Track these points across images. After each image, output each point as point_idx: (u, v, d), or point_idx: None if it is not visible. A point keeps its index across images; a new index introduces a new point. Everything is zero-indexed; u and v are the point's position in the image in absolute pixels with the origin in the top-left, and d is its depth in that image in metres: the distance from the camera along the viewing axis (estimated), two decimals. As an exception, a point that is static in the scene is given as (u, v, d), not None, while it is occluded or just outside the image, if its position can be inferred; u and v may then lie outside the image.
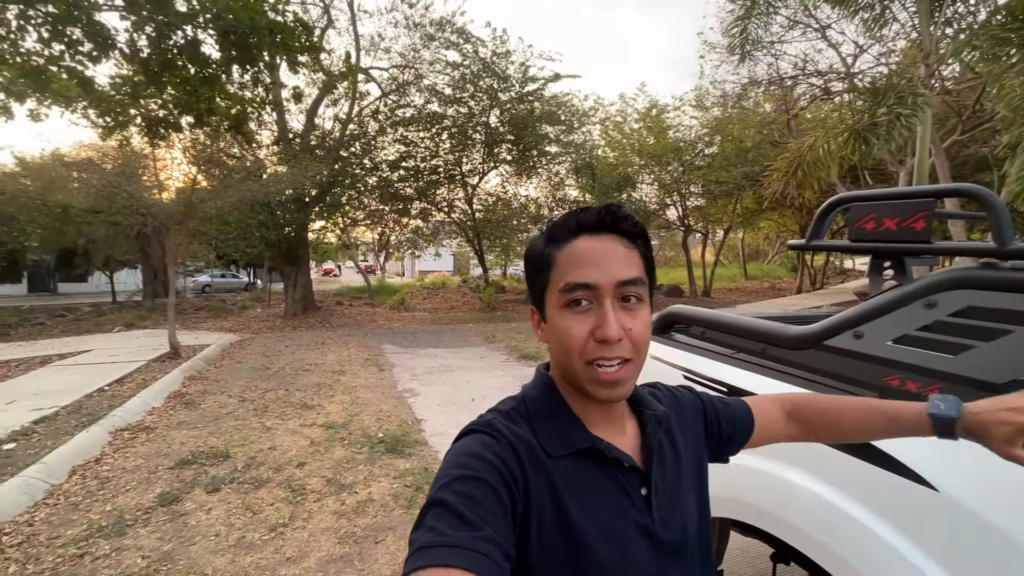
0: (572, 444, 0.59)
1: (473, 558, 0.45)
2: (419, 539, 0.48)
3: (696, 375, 1.56)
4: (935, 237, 1.15)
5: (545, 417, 0.61)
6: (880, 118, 5.22)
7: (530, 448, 0.57)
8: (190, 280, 22.23)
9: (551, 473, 0.57)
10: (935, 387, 1.00)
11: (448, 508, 0.49)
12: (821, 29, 8.79)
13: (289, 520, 2.91)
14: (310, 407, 5.16)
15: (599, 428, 0.62)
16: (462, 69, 13.04)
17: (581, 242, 0.59)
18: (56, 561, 2.52)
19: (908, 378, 1.04)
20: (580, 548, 0.55)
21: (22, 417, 4.50)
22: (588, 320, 0.57)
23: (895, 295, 1.12)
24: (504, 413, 0.62)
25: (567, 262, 0.58)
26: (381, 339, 9.90)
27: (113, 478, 3.48)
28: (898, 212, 1.13)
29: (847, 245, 1.27)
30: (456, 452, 0.56)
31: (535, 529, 0.54)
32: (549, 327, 0.61)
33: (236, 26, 3.03)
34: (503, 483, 0.53)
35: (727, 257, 31.30)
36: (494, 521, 0.50)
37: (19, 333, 10.91)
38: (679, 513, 0.64)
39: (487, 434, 0.57)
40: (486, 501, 0.51)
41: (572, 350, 0.57)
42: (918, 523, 0.96)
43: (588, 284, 0.56)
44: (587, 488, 0.58)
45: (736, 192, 14.53)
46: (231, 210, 8.38)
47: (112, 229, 13.42)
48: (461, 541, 0.46)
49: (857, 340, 1.16)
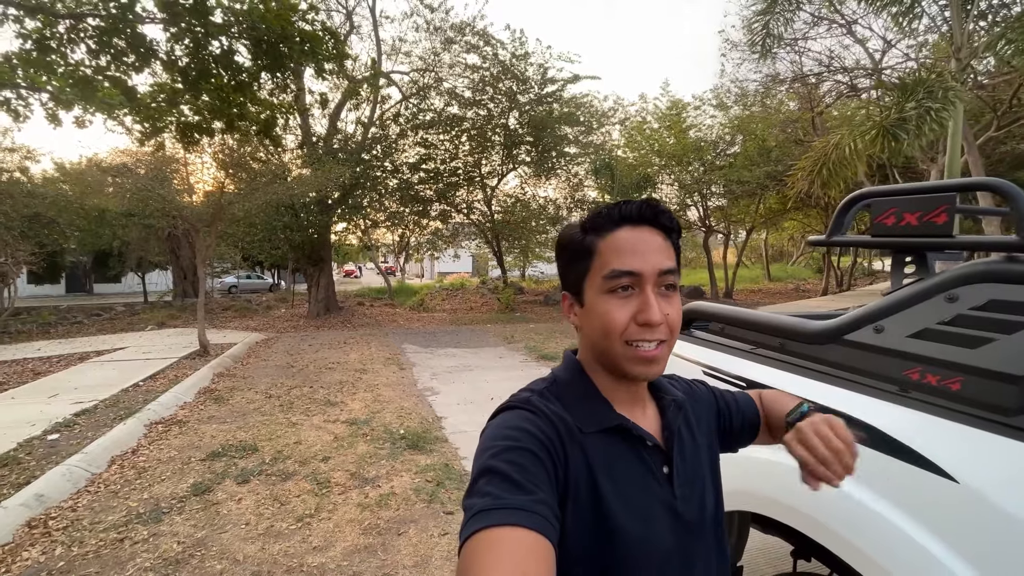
0: (601, 422, 0.63)
1: (532, 518, 0.48)
2: (476, 504, 0.50)
3: (716, 370, 1.58)
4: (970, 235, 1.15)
5: (575, 397, 0.65)
6: (909, 113, 5.07)
7: (566, 424, 0.61)
8: (217, 281, 22.88)
9: (584, 448, 0.60)
10: (957, 380, 1.00)
11: (501, 475, 0.52)
12: (847, 24, 8.59)
13: (315, 511, 3.00)
14: (333, 404, 5.29)
15: (624, 409, 0.66)
16: (481, 72, 13.15)
17: (624, 232, 0.62)
18: (98, 544, 2.66)
19: (928, 371, 1.05)
20: (608, 519, 0.58)
21: (64, 410, 4.73)
22: (630, 305, 0.60)
23: (916, 289, 1.12)
24: (538, 392, 0.65)
25: (610, 250, 0.61)
26: (401, 339, 10.04)
27: (149, 468, 3.64)
28: (919, 207, 1.13)
29: (868, 240, 1.27)
30: (498, 426, 0.59)
31: (571, 499, 0.57)
32: (588, 311, 0.64)
33: (269, 35, 3.18)
34: (547, 453, 0.56)
35: (750, 258, 30.74)
36: (543, 486, 0.53)
37: (58, 331, 11.41)
38: (697, 492, 0.68)
39: (527, 410, 0.61)
40: (534, 468, 0.54)
41: (614, 332, 0.60)
42: (939, 515, 0.96)
43: (633, 272, 0.60)
44: (616, 464, 0.61)
45: (759, 192, 14.28)
46: (257, 212, 8.63)
47: (145, 232, 13.94)
48: (519, 503, 0.49)
49: (877, 335, 1.16)
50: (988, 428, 0.92)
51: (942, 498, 0.96)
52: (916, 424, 1.03)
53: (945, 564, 0.93)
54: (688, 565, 0.64)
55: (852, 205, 1.33)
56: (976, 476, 0.91)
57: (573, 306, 0.67)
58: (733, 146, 14.92)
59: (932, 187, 1.12)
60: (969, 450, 0.94)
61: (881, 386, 1.14)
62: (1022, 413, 0.90)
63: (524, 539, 0.47)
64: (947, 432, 0.98)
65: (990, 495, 0.89)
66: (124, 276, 21.73)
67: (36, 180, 14.77)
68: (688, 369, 1.69)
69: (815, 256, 30.43)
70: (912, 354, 1.08)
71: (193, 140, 4.19)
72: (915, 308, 1.12)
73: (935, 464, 0.97)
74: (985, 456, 0.92)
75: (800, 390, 1.25)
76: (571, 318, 0.68)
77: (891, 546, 1.01)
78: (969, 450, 0.94)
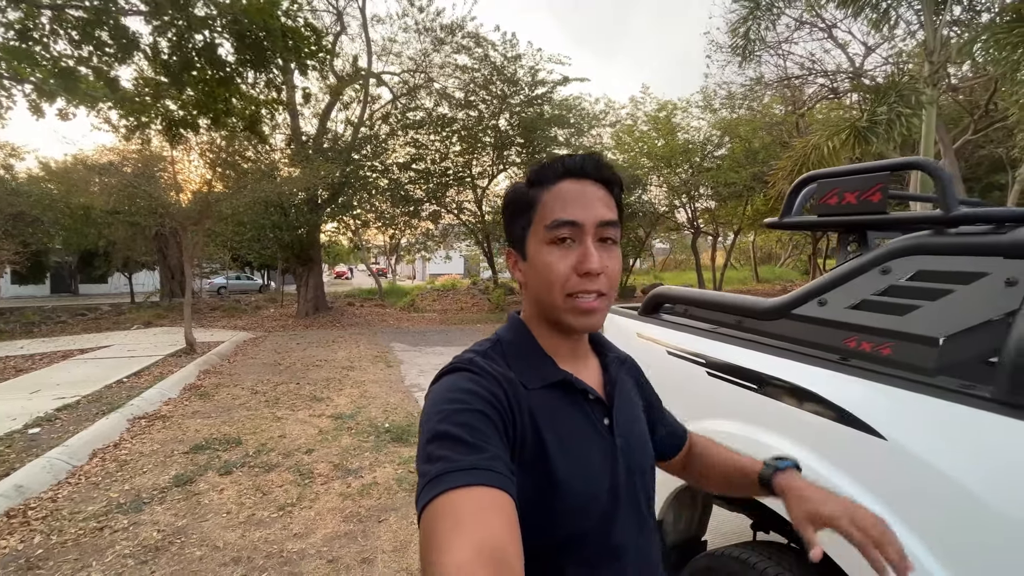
0: (546, 378, 0.64)
1: (487, 475, 0.48)
2: (430, 470, 0.49)
3: (679, 350, 1.64)
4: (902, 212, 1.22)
5: (519, 355, 0.66)
6: (880, 116, 5.22)
7: (511, 383, 0.61)
8: (206, 282, 22.68)
9: (530, 404, 0.61)
10: (888, 345, 1.07)
11: (451, 438, 0.51)
12: (828, 29, 8.79)
13: (297, 500, 3.02)
14: (319, 399, 5.30)
15: (567, 364, 0.67)
16: (472, 73, 13.22)
17: (566, 184, 0.63)
18: (78, 533, 2.67)
19: (863, 339, 1.12)
20: (553, 472, 0.59)
21: (46, 405, 4.70)
22: (571, 256, 0.61)
23: (855, 263, 1.19)
24: (481, 353, 0.65)
25: (553, 201, 0.62)
26: (390, 338, 10.05)
27: (131, 461, 3.64)
28: (857, 186, 1.20)
29: (815, 220, 1.34)
30: (444, 389, 0.58)
31: (518, 454, 0.58)
32: (531, 264, 0.65)
33: (251, 30, 3.20)
34: (495, 411, 0.56)
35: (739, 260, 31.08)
36: (495, 442, 0.53)
37: (42, 331, 11.26)
38: (636, 444, 0.70)
39: (470, 371, 0.60)
40: (485, 427, 0.53)
41: (554, 283, 0.61)
42: (871, 472, 1.03)
43: (574, 221, 0.61)
44: (560, 418, 0.63)
45: (746, 194, 14.48)
46: (245, 210, 8.61)
47: (131, 230, 13.80)
48: (472, 463, 0.49)
49: (821, 307, 1.23)
50: (912, 388, 0.98)
51: (873, 456, 1.02)
52: (854, 390, 1.10)
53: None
54: (628, 513, 0.66)
55: (802, 187, 1.41)
56: (901, 433, 0.98)
57: (517, 262, 0.68)
58: (721, 148, 15.12)
59: (868, 167, 1.20)
60: (896, 410, 1.00)
61: (824, 356, 1.20)
62: (941, 373, 0.97)
63: (482, 497, 0.47)
64: (878, 395, 1.05)
65: (913, 449, 0.95)
66: (111, 276, 21.49)
67: (21, 178, 14.59)
68: (655, 351, 1.76)
69: (802, 259, 30.82)
70: (850, 324, 1.14)
71: (179, 135, 4.19)
72: (854, 281, 1.19)
73: (868, 425, 1.04)
74: (909, 414, 0.98)
75: (754, 363, 1.32)
76: (516, 274, 0.69)
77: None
78: (896, 410, 1.00)
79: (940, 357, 0.97)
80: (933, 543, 0.91)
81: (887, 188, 1.15)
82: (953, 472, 0.89)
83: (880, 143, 5.33)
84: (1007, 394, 0.85)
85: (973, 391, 0.91)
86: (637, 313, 1.97)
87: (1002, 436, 0.84)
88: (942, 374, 0.98)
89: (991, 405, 0.86)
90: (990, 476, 0.84)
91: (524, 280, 0.67)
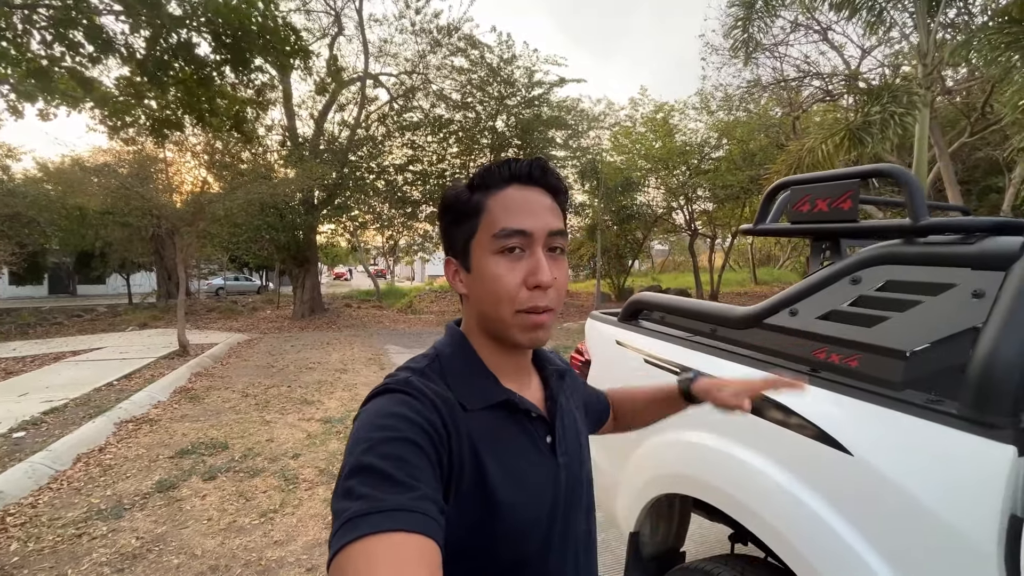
0: (487, 398, 0.60)
1: (413, 519, 0.43)
2: (348, 508, 0.44)
3: (655, 358, 1.61)
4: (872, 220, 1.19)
5: (460, 373, 0.62)
6: (873, 117, 5.19)
7: (449, 404, 0.57)
8: (204, 283, 22.65)
9: (469, 427, 0.57)
10: (855, 358, 1.04)
11: (376, 472, 0.46)
12: (823, 31, 8.77)
13: (280, 507, 2.99)
14: (310, 403, 5.26)
15: (510, 381, 0.64)
16: (469, 75, 13.21)
17: (513, 191, 0.59)
18: (55, 540, 2.63)
19: (832, 351, 1.09)
20: (493, 495, 0.56)
21: (32, 408, 4.67)
22: (520, 267, 0.58)
23: (826, 273, 1.16)
24: (419, 371, 0.60)
25: (500, 209, 0.59)
26: (386, 340, 10.01)
27: (115, 466, 3.61)
28: (829, 193, 1.17)
29: (787, 228, 1.32)
30: (373, 413, 0.53)
31: (455, 481, 0.54)
32: (475, 275, 0.60)
33: (227, 29, 3.17)
34: (429, 441, 0.52)
35: (737, 262, 31.04)
36: (425, 478, 0.48)
37: (37, 332, 11.23)
38: (577, 460, 0.69)
39: (406, 393, 0.56)
40: (416, 460, 0.49)
41: (503, 297, 0.58)
42: (836, 488, 1.00)
43: (523, 231, 0.57)
44: (501, 438, 0.60)
45: (743, 196, 14.47)
46: (239, 211, 8.58)
47: (127, 231, 13.78)
48: (397, 503, 0.44)
49: (792, 317, 1.20)
50: (878, 402, 0.95)
51: (839, 472, 1.00)
52: (822, 403, 1.07)
53: (841, 535, 0.97)
54: (569, 532, 0.65)
55: (775, 193, 1.38)
56: (867, 449, 0.95)
57: (459, 272, 0.63)
58: (718, 150, 15.11)
59: (839, 174, 1.17)
60: (862, 424, 0.98)
61: (795, 367, 1.18)
62: (908, 387, 0.94)
63: (403, 546, 0.42)
64: (846, 408, 1.02)
65: (879, 466, 0.93)
66: (108, 277, 21.45)
67: (17, 179, 14.57)
68: (633, 358, 1.73)
69: (800, 260, 30.77)
70: (820, 335, 1.12)
71: (163, 135, 4.16)
72: (825, 291, 1.16)
73: (835, 439, 1.01)
74: (876, 429, 0.95)
75: (727, 374, 1.29)
76: (457, 285, 0.64)
77: (800, 522, 1.04)
78: (862, 424, 0.98)
79: (907, 370, 0.94)
80: (899, 564, 0.88)
81: (857, 195, 1.12)
82: (918, 491, 0.86)
83: (875, 144, 5.30)
84: (972, 410, 0.82)
85: (939, 407, 0.88)
86: (617, 320, 1.95)
87: (967, 454, 0.81)
88: (910, 388, 0.95)
89: (956, 421, 0.84)
90: (953, 495, 0.82)
91: (467, 292, 0.63)
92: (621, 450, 1.72)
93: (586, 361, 2.11)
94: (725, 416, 1.32)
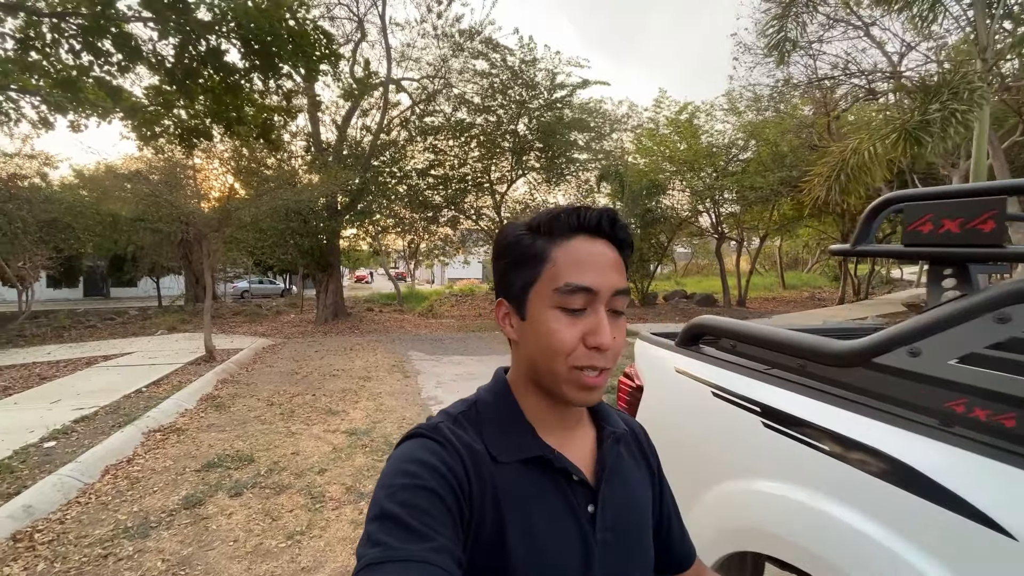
0: (521, 451, 0.57)
1: (426, 571, 0.44)
2: (367, 555, 0.45)
3: (728, 392, 1.43)
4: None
5: (496, 422, 0.59)
6: (933, 115, 4.85)
7: (475, 455, 0.55)
8: (229, 286, 23.12)
9: (496, 480, 0.55)
10: (1011, 415, 0.85)
11: (394, 519, 0.47)
12: (864, 27, 8.35)
13: (307, 528, 2.89)
14: (335, 413, 5.19)
15: (552, 435, 0.60)
16: (491, 78, 13.13)
17: (580, 243, 0.56)
18: (82, 560, 2.57)
19: (976, 404, 0.90)
20: (508, 558, 0.52)
21: (64, 416, 4.70)
22: (580, 325, 0.55)
23: (959, 307, 0.97)
24: (452, 417, 0.59)
25: (566, 260, 0.56)
26: (408, 345, 9.95)
27: (142, 479, 3.56)
28: (962, 212, 0.98)
29: (901, 250, 1.12)
30: (400, 459, 0.53)
31: (473, 534, 0.52)
32: (531, 325, 0.57)
33: (257, 33, 3.11)
34: (450, 490, 0.51)
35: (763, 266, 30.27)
36: (443, 530, 0.48)
37: (71, 335, 11.53)
38: (627, 543, 0.60)
39: (433, 439, 0.55)
40: (434, 510, 0.49)
41: (559, 353, 0.55)
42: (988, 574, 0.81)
43: (590, 288, 0.55)
44: (530, 499, 0.56)
45: (773, 198, 14.02)
46: (265, 217, 8.65)
47: (157, 236, 14.10)
48: (412, 554, 0.45)
49: (913, 358, 1.01)
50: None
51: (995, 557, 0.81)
52: (963, 466, 0.88)
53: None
54: None
55: (880, 210, 1.19)
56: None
57: (510, 316, 0.61)
58: (746, 151, 14.69)
59: (975, 189, 0.98)
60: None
61: (918, 418, 0.99)
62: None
63: None
64: (1001, 478, 0.83)
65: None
66: (139, 280, 22.08)
67: (55, 186, 15.07)
68: (698, 390, 1.56)
69: (831, 264, 29.88)
70: (956, 383, 0.93)
71: (192, 144, 4.15)
72: (958, 329, 0.97)
73: (986, 516, 0.82)
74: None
75: (829, 420, 1.11)
76: (506, 330, 0.61)
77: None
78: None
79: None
80: None
81: (1004, 215, 0.93)
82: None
83: (935, 143, 4.95)
84: None
85: None
86: (675, 344, 1.77)
87: None
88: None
89: None
90: None
91: (517, 339, 0.60)
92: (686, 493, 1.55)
93: (637, 387, 1.94)
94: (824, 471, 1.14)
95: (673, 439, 1.72)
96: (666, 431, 1.78)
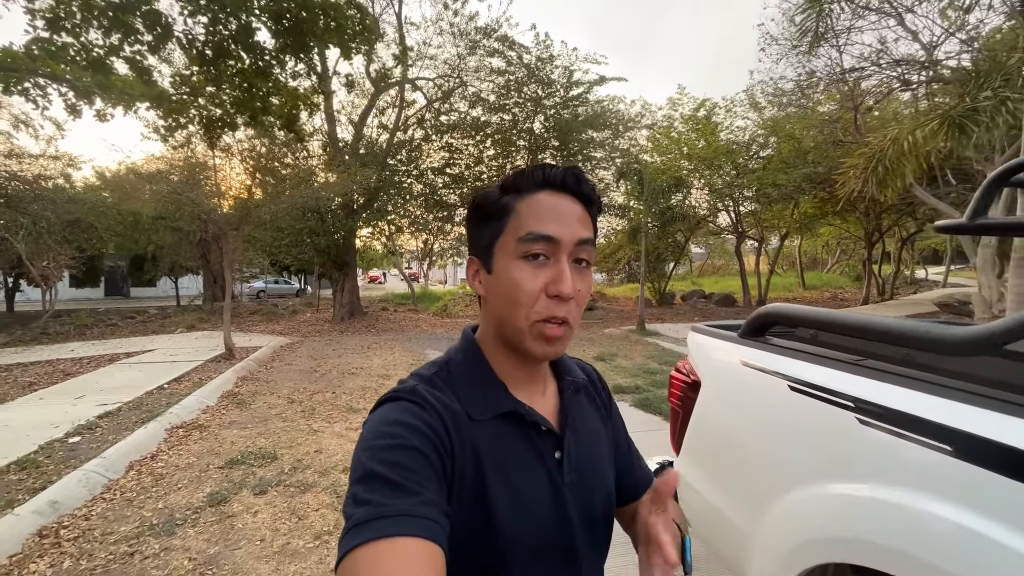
0: (495, 408, 0.59)
1: (417, 523, 0.45)
2: (355, 515, 0.45)
3: (811, 386, 1.29)
4: None
5: (468, 382, 0.61)
6: (983, 103, 4.61)
7: (454, 414, 0.56)
8: (246, 286, 23.36)
9: (473, 437, 0.56)
10: None
11: (380, 478, 0.47)
12: (898, 15, 8.05)
13: (334, 528, 2.80)
14: (355, 411, 5.12)
15: (521, 390, 0.62)
16: (507, 76, 13.05)
17: (544, 196, 0.57)
18: (108, 558, 2.51)
19: None
20: (491, 510, 0.54)
21: (88, 412, 4.69)
22: (542, 274, 0.56)
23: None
24: (427, 379, 0.60)
25: (529, 212, 0.57)
26: (424, 344, 9.89)
27: (166, 475, 3.51)
28: None
29: (1034, 222, 0.98)
30: (379, 421, 0.53)
31: (456, 492, 0.54)
32: (496, 277, 0.59)
33: (290, 8, 3.04)
34: (432, 448, 0.52)
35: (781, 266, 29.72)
36: (429, 484, 0.49)
37: (93, 333, 11.69)
38: (591, 481, 0.64)
39: (411, 401, 0.55)
40: (418, 467, 0.49)
41: (521, 304, 0.56)
42: None
43: (551, 236, 0.56)
44: (506, 451, 0.58)
45: (795, 195, 13.69)
46: (283, 215, 8.65)
47: (176, 236, 14.25)
48: (401, 508, 0.45)
49: (1060, 344, 0.87)
50: None
51: None
52: None
53: None
54: (571, 557, 0.60)
55: (1005, 178, 1.05)
56: None
57: (479, 272, 0.62)
58: (767, 148, 14.38)
59: None
60: None
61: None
62: None
63: (408, 549, 0.43)
64: None
65: None
66: (159, 280, 22.41)
67: (78, 187, 15.33)
68: (773, 385, 1.42)
69: (851, 264, 29.24)
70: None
71: (217, 135, 4.10)
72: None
73: None
74: None
75: (946, 415, 0.97)
76: (475, 285, 0.63)
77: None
78: None
79: None
80: None
81: None
82: None
83: (983, 132, 4.71)
84: None
85: None
86: (738, 335, 1.64)
87: None
88: None
89: None
90: None
91: (485, 294, 0.62)
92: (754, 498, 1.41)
93: (693, 383, 1.81)
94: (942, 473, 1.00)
95: (739, 441, 1.58)
96: (729, 431, 1.65)
